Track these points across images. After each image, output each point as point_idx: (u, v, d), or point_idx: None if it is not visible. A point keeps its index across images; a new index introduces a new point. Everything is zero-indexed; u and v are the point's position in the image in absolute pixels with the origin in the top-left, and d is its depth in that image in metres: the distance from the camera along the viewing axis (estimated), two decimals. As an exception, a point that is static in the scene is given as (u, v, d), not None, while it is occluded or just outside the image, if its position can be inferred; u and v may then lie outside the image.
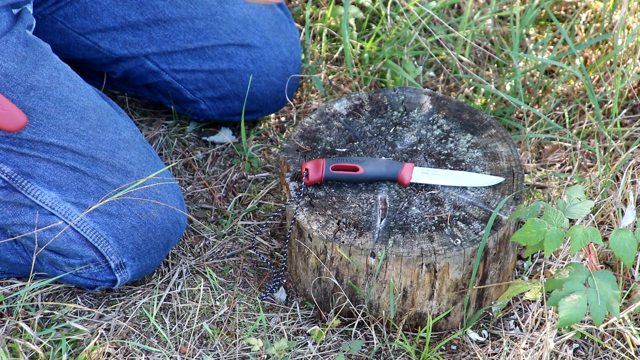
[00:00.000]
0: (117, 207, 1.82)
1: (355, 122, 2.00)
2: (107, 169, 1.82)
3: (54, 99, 1.79)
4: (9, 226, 1.83)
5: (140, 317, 1.92)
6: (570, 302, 1.61)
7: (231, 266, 2.04)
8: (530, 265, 2.02)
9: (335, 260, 1.82)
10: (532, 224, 1.66)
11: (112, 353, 1.83)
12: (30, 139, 1.78)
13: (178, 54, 2.12)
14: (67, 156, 1.80)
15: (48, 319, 1.88)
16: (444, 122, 2.00)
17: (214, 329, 1.91)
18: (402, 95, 2.06)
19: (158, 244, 1.87)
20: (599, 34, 2.40)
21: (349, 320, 1.92)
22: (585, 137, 2.28)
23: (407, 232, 1.80)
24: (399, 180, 1.86)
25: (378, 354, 1.88)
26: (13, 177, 1.80)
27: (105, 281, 1.88)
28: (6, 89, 1.75)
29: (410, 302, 1.85)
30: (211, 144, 2.31)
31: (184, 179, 2.22)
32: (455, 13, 2.58)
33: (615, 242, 1.66)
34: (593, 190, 2.08)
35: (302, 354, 1.87)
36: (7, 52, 1.74)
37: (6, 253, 1.89)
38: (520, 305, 1.96)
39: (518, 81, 2.26)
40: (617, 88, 2.17)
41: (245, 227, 2.11)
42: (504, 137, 1.96)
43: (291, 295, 1.99)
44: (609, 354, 1.86)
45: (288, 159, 1.93)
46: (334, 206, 1.84)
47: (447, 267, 1.79)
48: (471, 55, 2.47)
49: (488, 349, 1.88)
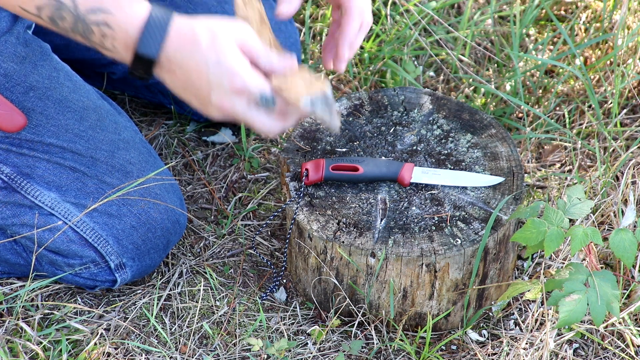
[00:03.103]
0: (116, 207, 1.82)
1: (355, 122, 2.00)
2: (106, 169, 1.82)
3: (53, 99, 1.79)
4: (8, 226, 1.83)
5: (140, 317, 1.92)
6: (570, 302, 1.61)
7: (231, 266, 2.04)
8: (530, 265, 2.02)
9: (335, 260, 1.82)
10: (532, 224, 1.67)
11: (112, 353, 1.84)
12: (30, 139, 1.78)
13: (178, 54, 2.11)
14: (66, 156, 1.80)
15: (48, 319, 1.88)
16: (444, 122, 2.00)
17: (214, 329, 1.91)
18: (402, 95, 2.06)
19: (158, 244, 1.87)
20: (599, 34, 2.40)
21: (349, 320, 1.92)
22: (585, 137, 2.28)
23: (407, 232, 1.80)
24: (399, 180, 1.86)
25: (378, 354, 1.88)
26: (13, 177, 1.80)
27: (105, 281, 1.88)
28: (5, 89, 1.75)
29: (410, 302, 1.85)
30: (211, 144, 2.31)
31: (184, 179, 2.22)
32: (455, 13, 2.58)
33: (615, 242, 1.66)
34: (593, 190, 2.08)
35: (302, 354, 1.87)
36: (6, 52, 1.74)
37: (6, 253, 1.89)
38: (520, 305, 1.96)
39: (518, 81, 2.26)
40: (617, 88, 2.17)
41: (245, 227, 2.11)
42: (504, 137, 1.96)
43: (291, 295, 1.99)
44: (609, 354, 1.86)
45: (288, 159, 1.93)
46: (334, 206, 1.84)
47: (447, 267, 1.79)
48: (471, 55, 2.47)
49: (488, 349, 1.88)
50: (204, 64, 1.49)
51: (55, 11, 1.47)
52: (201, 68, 1.49)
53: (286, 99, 1.52)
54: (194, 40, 1.49)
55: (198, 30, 1.49)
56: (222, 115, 1.53)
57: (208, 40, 1.49)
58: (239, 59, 1.50)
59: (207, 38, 1.49)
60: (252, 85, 1.50)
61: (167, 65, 1.50)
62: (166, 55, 1.49)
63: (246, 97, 1.51)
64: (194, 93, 1.52)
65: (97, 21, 1.47)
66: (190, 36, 1.49)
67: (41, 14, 1.49)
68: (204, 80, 1.50)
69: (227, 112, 1.52)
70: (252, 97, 1.51)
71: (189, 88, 1.52)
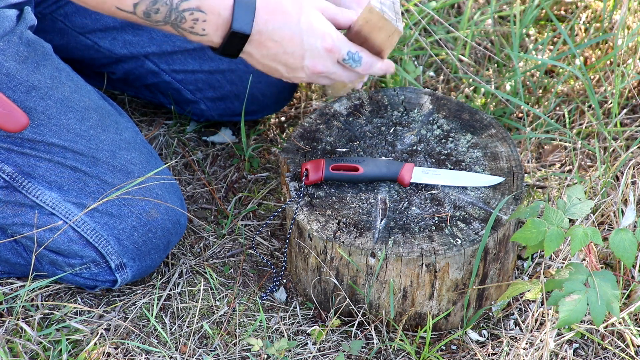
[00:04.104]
0: (117, 207, 1.82)
1: (355, 122, 2.00)
2: (108, 169, 1.83)
3: (55, 99, 1.79)
4: (9, 226, 1.83)
5: (140, 317, 1.92)
6: (570, 302, 1.61)
7: (231, 266, 2.04)
8: (530, 265, 2.02)
9: (335, 260, 1.82)
10: (532, 224, 1.67)
11: (112, 353, 1.84)
12: (32, 139, 1.78)
13: (178, 54, 2.12)
14: (68, 156, 1.80)
15: (48, 319, 1.88)
16: (444, 122, 2.00)
17: (214, 329, 1.91)
18: (402, 95, 2.06)
19: (158, 244, 1.87)
20: (599, 34, 2.40)
21: (349, 320, 1.92)
22: (585, 137, 2.28)
23: (407, 232, 1.80)
24: (399, 180, 1.86)
25: (378, 354, 1.88)
26: (14, 176, 1.80)
27: (106, 281, 1.88)
28: (8, 89, 1.75)
29: (410, 302, 1.85)
30: (211, 144, 2.31)
31: (184, 179, 2.22)
32: (455, 13, 2.58)
33: (615, 242, 1.66)
34: (593, 190, 2.08)
35: (302, 354, 1.87)
36: (9, 52, 1.74)
37: (6, 253, 1.89)
38: (520, 305, 1.96)
39: (518, 81, 2.26)
40: (617, 88, 2.17)
41: (245, 227, 2.11)
42: (504, 137, 1.96)
43: (291, 295, 1.99)
44: (609, 354, 1.87)
45: (288, 159, 1.93)
46: (334, 206, 1.84)
47: (447, 267, 1.79)
48: (471, 55, 2.47)
49: (488, 349, 1.88)
50: (298, 30, 1.66)
51: (151, 5, 1.61)
52: (294, 34, 1.66)
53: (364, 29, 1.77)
54: (283, 11, 1.65)
55: (284, 2, 1.65)
56: (310, 77, 1.74)
57: (297, 8, 1.66)
58: (326, 22, 1.70)
59: (295, 7, 1.66)
60: (342, 44, 1.71)
61: (259, 39, 1.66)
62: (258, 29, 1.64)
63: (336, 55, 1.71)
64: (285, 61, 1.70)
65: (190, 8, 1.61)
66: (278, 8, 1.65)
67: (137, 10, 1.61)
68: (297, 45, 1.68)
69: (318, 72, 1.72)
70: (341, 55, 1.72)
71: (279, 57, 1.69)
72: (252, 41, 1.66)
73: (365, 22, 1.77)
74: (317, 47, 1.69)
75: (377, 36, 1.80)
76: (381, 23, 1.79)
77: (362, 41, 1.81)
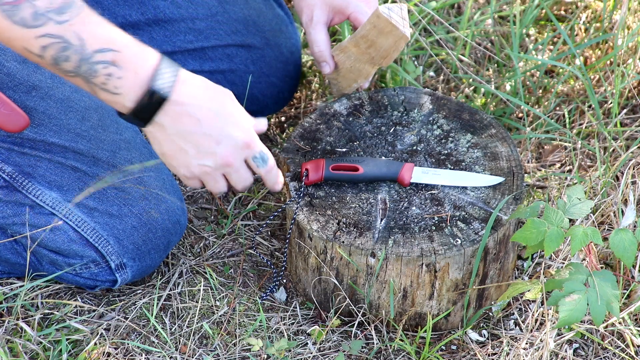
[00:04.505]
0: (117, 207, 1.82)
1: (355, 122, 2.00)
2: (108, 169, 1.83)
3: (55, 98, 1.79)
4: (9, 226, 1.83)
5: (140, 317, 1.92)
6: (570, 302, 1.61)
7: (231, 266, 2.04)
8: (530, 265, 2.02)
9: (335, 260, 1.82)
10: (532, 224, 1.67)
11: (112, 353, 1.84)
12: (32, 139, 1.78)
13: (178, 55, 2.12)
14: (68, 156, 1.80)
15: (48, 319, 1.88)
16: (444, 122, 2.00)
17: (214, 329, 1.91)
18: (402, 95, 2.06)
19: (158, 244, 1.87)
20: (599, 34, 2.40)
21: (349, 320, 1.92)
22: (585, 137, 2.28)
23: (407, 232, 1.80)
24: (399, 180, 1.86)
25: (378, 354, 1.88)
26: (14, 176, 1.80)
27: (106, 281, 1.88)
28: (8, 88, 1.75)
29: (410, 302, 1.85)
30: (211, 144, 2.31)
31: (184, 179, 2.22)
32: (455, 13, 2.58)
33: (615, 242, 1.66)
34: (593, 190, 2.08)
35: (302, 354, 1.87)
36: (10, 52, 1.74)
37: (6, 253, 1.89)
38: (520, 305, 1.96)
39: (518, 81, 2.26)
40: (617, 88, 2.17)
41: (245, 227, 2.11)
42: (504, 137, 1.96)
43: (291, 295, 1.99)
44: (609, 354, 1.87)
45: (288, 159, 1.93)
46: (334, 206, 1.84)
47: (447, 267, 1.79)
48: (471, 55, 2.47)
49: (488, 349, 1.88)
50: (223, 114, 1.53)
51: (61, 51, 1.44)
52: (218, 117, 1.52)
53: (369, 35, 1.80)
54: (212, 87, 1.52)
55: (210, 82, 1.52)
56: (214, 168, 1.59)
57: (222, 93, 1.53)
58: (249, 117, 1.59)
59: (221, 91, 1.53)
60: (258, 142, 1.61)
61: (175, 110, 1.49)
62: (179, 99, 1.49)
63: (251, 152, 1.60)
64: (197, 142, 1.54)
65: (104, 60, 1.45)
66: (204, 83, 1.51)
67: (45, 53, 1.44)
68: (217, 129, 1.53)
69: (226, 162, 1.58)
70: (253, 153, 1.60)
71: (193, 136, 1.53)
72: (168, 111, 1.50)
73: (373, 26, 1.76)
74: (236, 137, 1.56)
75: (384, 41, 1.79)
76: (388, 28, 1.78)
77: (368, 45, 1.80)
